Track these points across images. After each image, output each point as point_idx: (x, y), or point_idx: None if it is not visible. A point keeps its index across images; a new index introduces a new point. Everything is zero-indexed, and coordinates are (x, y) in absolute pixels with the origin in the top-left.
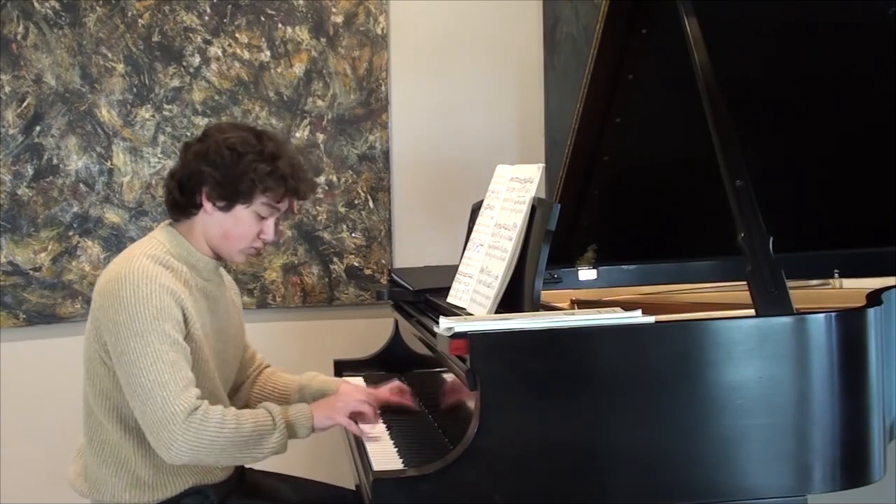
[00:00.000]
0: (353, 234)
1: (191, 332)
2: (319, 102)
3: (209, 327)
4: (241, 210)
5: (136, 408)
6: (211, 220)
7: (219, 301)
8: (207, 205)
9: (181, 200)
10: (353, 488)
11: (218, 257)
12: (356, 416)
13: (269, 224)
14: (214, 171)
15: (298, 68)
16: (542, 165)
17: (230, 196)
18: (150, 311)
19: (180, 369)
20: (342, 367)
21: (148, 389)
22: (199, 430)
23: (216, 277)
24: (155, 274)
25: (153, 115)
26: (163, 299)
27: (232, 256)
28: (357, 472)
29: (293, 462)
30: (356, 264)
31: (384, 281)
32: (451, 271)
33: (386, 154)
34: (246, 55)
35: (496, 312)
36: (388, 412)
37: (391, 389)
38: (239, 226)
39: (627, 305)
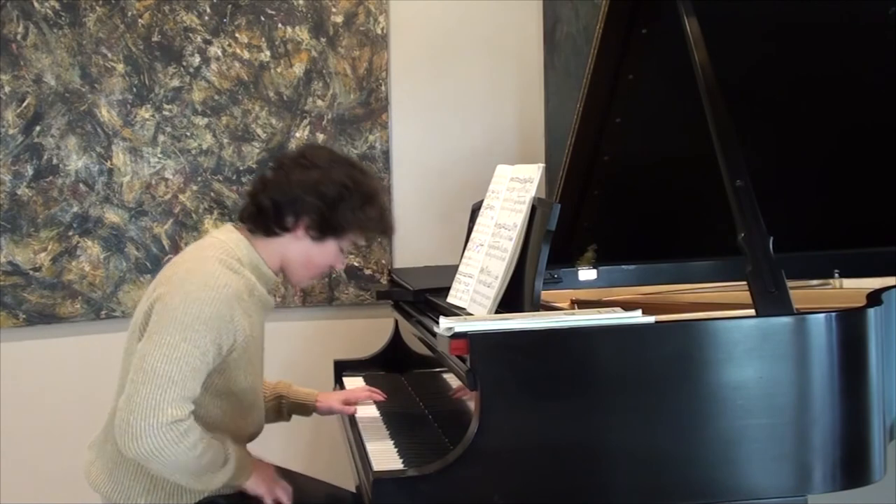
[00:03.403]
0: None
1: (237, 346)
2: (319, 102)
3: (259, 339)
4: (331, 242)
5: (131, 383)
6: (297, 245)
7: (269, 315)
8: (299, 232)
9: (269, 219)
10: (353, 490)
11: (278, 274)
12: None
13: (343, 256)
14: (322, 204)
15: (298, 68)
16: (542, 165)
17: (325, 230)
18: (206, 313)
19: (194, 379)
20: (342, 367)
21: (156, 376)
22: (172, 441)
23: (273, 292)
24: (226, 281)
25: (153, 115)
26: (221, 310)
27: (301, 280)
28: (357, 471)
29: (293, 461)
30: (356, 264)
31: (384, 281)
32: (451, 271)
33: (386, 154)
34: (246, 55)
35: (496, 312)
36: (388, 412)
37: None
38: (324, 256)
39: (627, 305)
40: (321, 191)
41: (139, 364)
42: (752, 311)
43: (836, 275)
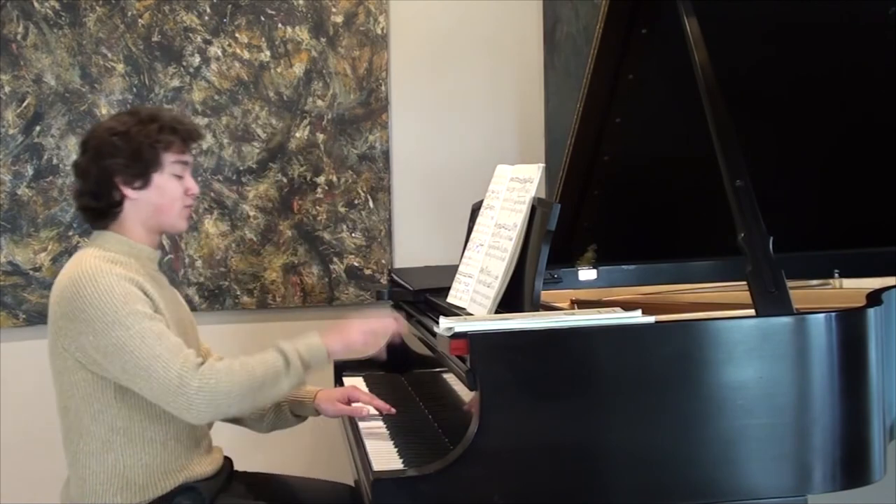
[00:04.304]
0: (353, 235)
1: (158, 314)
2: (319, 102)
3: (169, 315)
4: (158, 178)
5: (143, 388)
6: (138, 203)
7: (167, 289)
8: (128, 191)
9: (102, 206)
10: (352, 484)
11: (156, 244)
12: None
13: (188, 178)
14: (115, 159)
15: (298, 68)
16: (542, 165)
17: (142, 170)
18: (117, 298)
19: (167, 337)
20: (342, 367)
21: (146, 367)
22: (211, 385)
23: (159, 268)
24: (108, 268)
25: None
26: (123, 286)
27: (174, 224)
28: (357, 470)
29: (293, 461)
30: (356, 264)
31: (384, 281)
32: (451, 271)
33: (386, 154)
34: (246, 55)
35: (496, 312)
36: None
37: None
38: (165, 193)
39: (627, 305)
40: (107, 151)
41: (128, 377)
42: (752, 311)
43: (836, 275)
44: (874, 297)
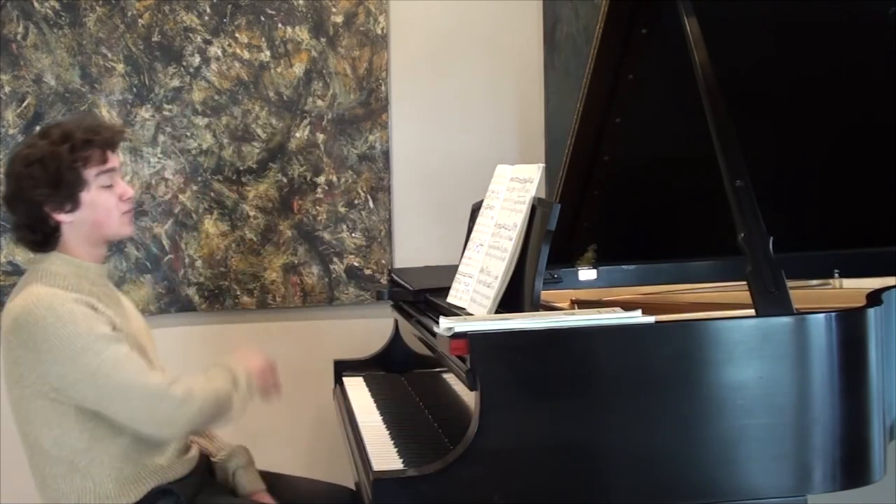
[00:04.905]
0: (353, 235)
1: (117, 331)
2: (319, 102)
3: (126, 330)
4: (86, 196)
5: (120, 411)
6: (75, 224)
7: (121, 304)
8: (61, 217)
9: (40, 237)
10: (353, 487)
11: (102, 258)
12: None
13: (119, 184)
14: (38, 189)
15: (298, 68)
16: (542, 165)
17: (69, 194)
18: (79, 325)
19: (137, 358)
20: (342, 367)
21: (124, 389)
22: (191, 399)
23: (109, 282)
24: (63, 295)
25: (153, 115)
26: (82, 311)
27: (118, 233)
28: (357, 471)
29: (292, 462)
30: (356, 264)
31: (384, 281)
32: (451, 271)
33: (386, 154)
34: (246, 55)
35: (496, 312)
36: (388, 412)
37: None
38: (99, 207)
39: (627, 305)
40: (28, 185)
41: (105, 402)
42: (752, 311)
43: (836, 275)
44: (874, 297)
